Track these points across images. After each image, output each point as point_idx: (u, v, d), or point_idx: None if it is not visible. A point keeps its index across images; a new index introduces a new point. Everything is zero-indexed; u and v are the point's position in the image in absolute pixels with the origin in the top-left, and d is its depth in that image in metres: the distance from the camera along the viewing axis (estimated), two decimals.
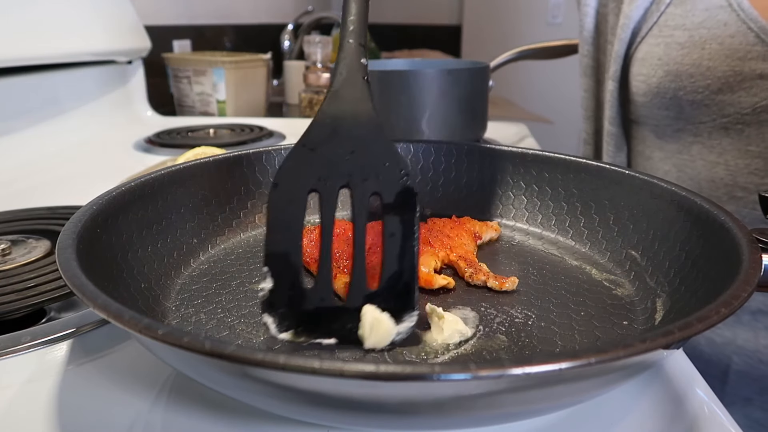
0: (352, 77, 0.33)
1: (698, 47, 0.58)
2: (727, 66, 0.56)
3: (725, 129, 0.59)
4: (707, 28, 0.57)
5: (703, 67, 0.58)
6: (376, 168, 0.32)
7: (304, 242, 0.39)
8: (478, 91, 0.74)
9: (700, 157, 0.62)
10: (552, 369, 0.19)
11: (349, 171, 0.32)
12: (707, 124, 0.60)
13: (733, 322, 0.62)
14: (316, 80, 1.21)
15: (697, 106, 0.60)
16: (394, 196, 0.31)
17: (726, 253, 0.31)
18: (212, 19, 1.59)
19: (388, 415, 0.23)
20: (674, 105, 0.62)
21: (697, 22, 0.58)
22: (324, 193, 0.32)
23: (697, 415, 0.29)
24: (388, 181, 0.31)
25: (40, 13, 0.80)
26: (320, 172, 0.32)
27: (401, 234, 0.31)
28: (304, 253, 0.39)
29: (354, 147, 0.32)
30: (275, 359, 0.19)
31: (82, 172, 0.75)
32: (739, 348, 0.63)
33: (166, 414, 0.29)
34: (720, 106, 0.58)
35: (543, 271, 0.40)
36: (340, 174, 0.32)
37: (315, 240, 0.40)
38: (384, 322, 0.30)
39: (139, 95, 1.09)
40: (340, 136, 0.32)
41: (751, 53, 0.55)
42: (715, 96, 0.58)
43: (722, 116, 0.58)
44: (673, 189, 0.38)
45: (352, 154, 0.32)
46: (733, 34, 0.56)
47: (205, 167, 0.45)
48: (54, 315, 0.38)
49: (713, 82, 0.57)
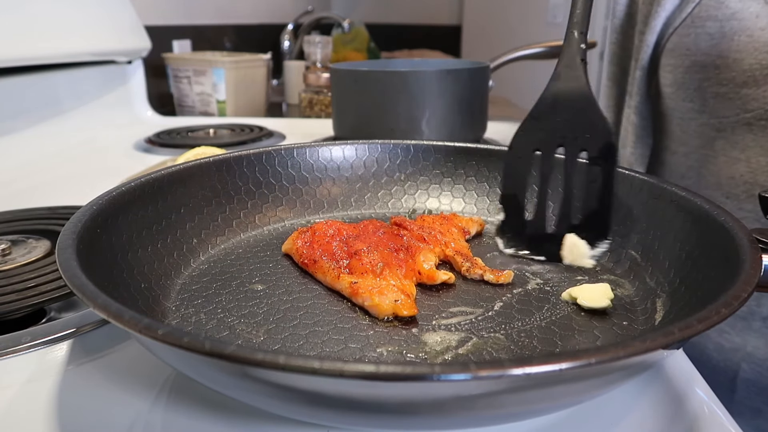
0: (571, 61, 0.42)
1: (727, 38, 0.58)
2: (754, 59, 0.56)
3: (748, 125, 0.58)
4: (738, 19, 0.57)
5: (730, 59, 0.57)
6: (584, 129, 0.41)
7: (299, 244, 0.40)
8: (478, 91, 0.74)
9: (722, 153, 0.62)
10: (552, 369, 0.19)
11: (564, 133, 0.41)
12: (730, 118, 0.59)
13: (743, 328, 0.61)
14: (316, 80, 1.21)
15: (721, 99, 0.59)
16: (597, 150, 0.40)
17: (726, 253, 0.30)
18: (212, 19, 1.59)
19: (388, 415, 0.23)
20: (698, 97, 0.61)
21: (729, 14, 0.58)
22: (544, 151, 0.42)
23: (697, 415, 0.29)
24: (594, 138, 0.40)
25: (40, 13, 0.80)
26: (542, 136, 0.42)
27: (602, 180, 0.40)
28: (302, 254, 0.40)
29: (569, 116, 0.41)
30: (275, 359, 0.19)
31: (82, 172, 0.75)
32: (749, 355, 0.62)
33: (166, 414, 0.29)
34: (744, 101, 0.57)
35: (543, 271, 0.40)
36: (557, 136, 0.42)
37: (311, 241, 0.40)
38: (580, 245, 0.40)
39: (139, 95, 1.09)
40: (558, 109, 0.41)
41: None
42: (739, 89, 0.57)
43: (745, 111, 0.58)
44: (673, 189, 0.38)
45: (567, 121, 0.41)
46: (764, 27, 0.55)
47: (205, 167, 0.45)
48: (54, 315, 0.38)
49: (738, 75, 0.57)
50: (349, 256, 0.38)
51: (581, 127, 0.41)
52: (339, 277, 0.36)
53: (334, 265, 0.37)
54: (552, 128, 0.42)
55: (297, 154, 0.50)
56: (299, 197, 0.50)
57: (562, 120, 0.41)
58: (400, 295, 0.34)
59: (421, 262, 0.38)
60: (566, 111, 0.41)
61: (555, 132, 0.42)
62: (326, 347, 0.31)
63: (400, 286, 0.35)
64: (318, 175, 0.51)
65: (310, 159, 0.51)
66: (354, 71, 0.72)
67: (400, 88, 0.68)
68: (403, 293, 0.34)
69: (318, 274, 0.38)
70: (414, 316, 0.34)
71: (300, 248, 0.40)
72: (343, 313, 0.34)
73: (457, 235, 0.44)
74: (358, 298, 0.35)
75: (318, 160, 0.51)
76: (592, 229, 0.40)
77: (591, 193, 0.40)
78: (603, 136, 0.40)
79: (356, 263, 0.37)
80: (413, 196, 0.43)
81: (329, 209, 0.51)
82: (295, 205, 0.50)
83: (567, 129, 0.41)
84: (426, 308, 0.35)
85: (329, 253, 0.38)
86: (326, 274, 0.37)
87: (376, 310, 0.34)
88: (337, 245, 0.39)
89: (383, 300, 0.34)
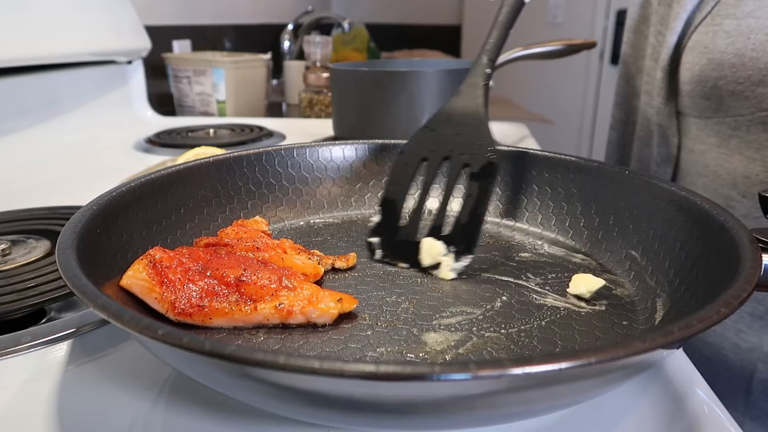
0: (474, 83, 0.45)
1: (744, 36, 0.58)
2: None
3: (764, 124, 0.58)
4: (756, 17, 0.57)
5: (746, 57, 0.57)
6: (471, 146, 0.42)
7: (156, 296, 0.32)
8: None
9: (738, 152, 0.61)
10: (552, 369, 0.19)
11: (452, 147, 0.43)
12: (746, 117, 0.59)
13: (760, 327, 0.60)
14: (316, 80, 1.21)
15: (737, 97, 0.59)
16: (479, 167, 0.41)
17: (726, 253, 0.30)
18: (212, 19, 1.59)
19: (388, 415, 0.23)
20: (714, 95, 0.61)
21: (747, 12, 0.58)
22: (431, 161, 0.44)
23: (697, 415, 0.29)
24: (478, 157, 0.42)
25: (40, 13, 0.80)
26: (432, 147, 0.44)
27: (477, 196, 0.40)
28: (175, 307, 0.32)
29: (460, 131, 0.43)
30: (275, 359, 0.19)
31: (82, 172, 0.75)
32: (765, 355, 0.61)
33: (166, 414, 0.29)
34: (759, 99, 0.57)
35: (543, 271, 0.40)
36: (445, 149, 0.43)
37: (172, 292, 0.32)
38: (436, 246, 0.40)
39: (139, 95, 1.09)
40: (452, 122, 0.44)
41: None
42: (755, 88, 0.57)
43: (761, 110, 0.58)
44: (673, 189, 0.38)
45: (457, 136, 0.43)
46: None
47: (205, 167, 0.45)
48: (54, 315, 0.38)
49: (754, 73, 0.57)
50: (235, 286, 0.33)
51: (468, 144, 0.42)
52: (256, 309, 0.32)
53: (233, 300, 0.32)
54: (442, 140, 0.44)
55: (297, 154, 0.50)
56: (299, 197, 0.50)
57: (454, 134, 0.43)
58: (334, 294, 0.33)
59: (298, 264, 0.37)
60: (458, 126, 0.43)
61: (444, 144, 0.43)
62: (326, 347, 0.31)
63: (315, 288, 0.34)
64: (318, 175, 0.51)
65: (310, 159, 0.51)
66: (354, 71, 0.71)
67: (400, 88, 0.68)
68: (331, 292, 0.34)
69: (217, 318, 0.32)
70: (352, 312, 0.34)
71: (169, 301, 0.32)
72: None
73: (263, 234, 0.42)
74: (295, 317, 0.32)
75: (318, 160, 0.51)
76: (459, 242, 0.40)
77: (466, 207, 0.40)
78: (487, 154, 0.41)
79: (252, 288, 0.33)
80: (413, 196, 0.44)
81: (329, 209, 0.51)
82: (295, 205, 0.50)
83: (455, 143, 0.43)
84: (426, 308, 0.35)
85: (209, 294, 0.32)
86: (233, 313, 0.32)
87: (327, 317, 0.33)
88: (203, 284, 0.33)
89: (328, 304, 0.32)
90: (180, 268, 0.33)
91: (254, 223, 0.44)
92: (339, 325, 0.33)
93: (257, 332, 0.32)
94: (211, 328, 0.32)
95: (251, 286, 0.33)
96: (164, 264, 0.32)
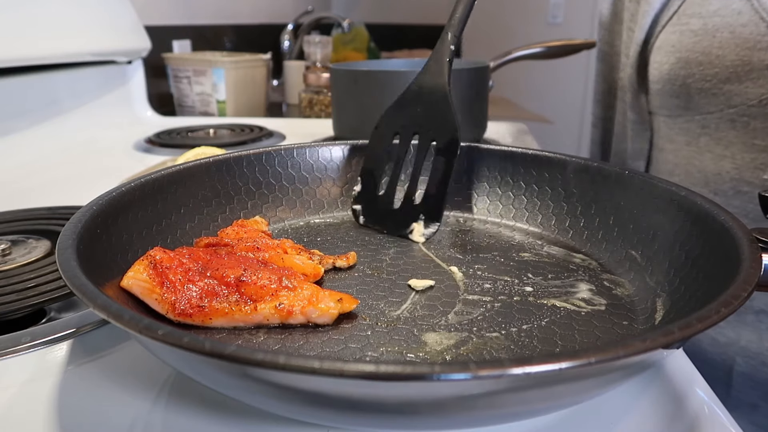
0: (439, 58, 0.47)
1: (710, 35, 0.59)
2: (736, 55, 0.56)
3: (732, 121, 0.59)
4: (721, 16, 0.58)
5: (713, 55, 0.58)
6: (436, 122, 0.45)
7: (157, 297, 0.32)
8: (478, 91, 0.74)
9: (707, 150, 0.62)
10: (552, 369, 0.19)
11: (420, 123, 0.46)
12: (715, 114, 0.60)
13: (736, 322, 0.61)
14: (316, 80, 1.21)
15: (705, 95, 0.60)
16: (444, 143, 0.45)
17: (726, 252, 0.30)
18: (212, 19, 1.59)
19: (388, 415, 0.23)
20: (683, 93, 0.62)
21: (713, 10, 0.59)
22: (402, 136, 0.47)
23: (697, 415, 0.29)
24: (443, 132, 0.45)
25: (40, 13, 0.80)
26: (403, 122, 0.47)
27: (442, 170, 0.44)
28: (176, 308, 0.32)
29: (426, 108, 0.46)
30: (275, 359, 0.19)
31: (82, 172, 0.75)
32: (743, 349, 0.63)
33: (166, 414, 0.29)
34: (727, 96, 0.58)
35: (543, 271, 0.40)
36: (414, 125, 0.47)
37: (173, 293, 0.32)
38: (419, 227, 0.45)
39: (139, 95, 1.09)
40: (420, 99, 0.46)
41: (761, 43, 0.55)
42: (722, 85, 0.58)
43: (729, 107, 0.59)
44: (673, 189, 0.38)
45: (425, 112, 0.46)
46: (745, 23, 0.56)
47: (205, 167, 0.45)
48: (54, 315, 0.38)
49: (721, 71, 0.58)
50: (235, 286, 0.33)
51: (434, 120, 0.45)
52: (256, 309, 0.32)
53: (234, 300, 0.32)
54: (411, 116, 0.47)
55: (297, 154, 0.50)
56: (299, 197, 0.50)
57: (422, 111, 0.46)
58: (334, 294, 0.33)
59: (299, 264, 0.37)
60: (425, 104, 0.46)
61: (414, 120, 0.46)
62: (326, 347, 0.31)
63: (315, 288, 0.34)
64: (318, 175, 0.51)
65: (310, 159, 0.51)
66: (354, 71, 0.71)
67: (400, 88, 0.67)
68: (332, 292, 0.34)
69: (217, 318, 0.32)
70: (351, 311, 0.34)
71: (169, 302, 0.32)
72: None
73: (263, 234, 0.42)
74: (296, 317, 0.32)
75: (318, 160, 0.51)
76: (427, 211, 0.45)
77: (432, 180, 0.45)
78: (450, 131, 0.44)
79: (252, 288, 0.33)
80: (413, 196, 0.44)
81: (329, 209, 0.51)
82: (295, 205, 0.50)
83: (423, 119, 0.46)
84: (426, 308, 0.35)
85: (209, 294, 0.32)
86: (233, 313, 0.32)
87: (327, 317, 0.32)
88: (203, 285, 0.33)
89: (328, 304, 0.32)
90: (180, 269, 0.33)
91: (254, 223, 0.44)
92: (339, 325, 0.33)
93: (257, 332, 0.32)
94: (211, 329, 0.32)
95: (251, 287, 0.33)
96: (165, 265, 0.32)
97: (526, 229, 0.48)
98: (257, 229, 0.43)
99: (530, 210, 0.48)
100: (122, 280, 0.32)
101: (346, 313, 0.33)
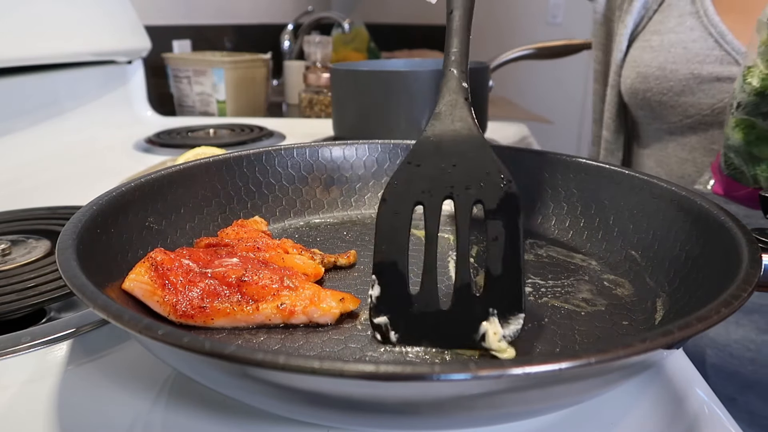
0: (453, 99, 0.36)
1: (665, 50, 0.62)
2: (688, 69, 0.60)
3: (693, 128, 0.63)
4: (676, 33, 0.62)
5: (667, 69, 0.62)
6: (477, 177, 0.33)
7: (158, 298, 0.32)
8: (478, 91, 0.74)
9: (674, 154, 0.66)
10: (552, 369, 0.19)
11: (452, 182, 0.33)
12: (676, 123, 0.64)
13: None
14: (316, 80, 1.21)
15: (664, 107, 0.64)
16: (496, 201, 0.32)
17: (726, 253, 0.30)
18: (212, 19, 1.59)
19: (388, 415, 0.23)
20: (646, 105, 0.66)
21: (669, 27, 0.63)
22: (428, 205, 0.33)
23: (697, 415, 0.29)
24: (490, 188, 0.32)
25: (41, 13, 0.80)
26: (424, 186, 0.33)
27: (505, 237, 0.31)
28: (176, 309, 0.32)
29: (456, 161, 0.33)
30: (275, 359, 0.19)
31: (82, 172, 0.75)
32: (712, 341, 0.65)
33: (166, 414, 0.29)
34: (683, 107, 0.62)
35: (543, 271, 0.40)
36: (443, 186, 0.33)
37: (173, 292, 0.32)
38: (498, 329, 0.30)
39: (139, 95, 1.09)
40: (443, 152, 0.34)
41: (709, 57, 0.59)
42: (677, 98, 0.62)
43: (686, 117, 0.62)
44: (673, 189, 0.38)
45: (455, 167, 0.33)
46: (696, 39, 0.60)
47: (205, 167, 0.45)
48: (54, 315, 0.38)
49: (675, 84, 0.61)
50: (236, 286, 0.33)
51: (473, 175, 0.33)
52: (258, 309, 0.32)
53: (235, 300, 0.32)
54: (436, 176, 0.33)
55: (297, 154, 0.50)
56: (299, 197, 0.50)
57: (447, 166, 0.33)
58: (336, 293, 0.33)
59: (299, 263, 0.37)
60: (453, 156, 0.34)
61: (440, 181, 0.33)
62: (326, 347, 0.31)
63: (317, 287, 0.34)
64: (318, 175, 0.51)
65: (310, 159, 0.51)
66: (354, 71, 0.71)
67: (400, 88, 0.68)
68: (333, 291, 0.34)
69: (219, 318, 0.32)
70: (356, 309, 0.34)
71: (170, 304, 0.32)
72: None
73: (264, 234, 0.42)
74: (298, 317, 0.32)
75: (318, 160, 0.51)
76: (499, 300, 0.30)
77: (493, 255, 0.31)
78: (497, 183, 0.32)
79: (254, 288, 0.33)
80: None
81: (329, 209, 0.51)
82: (295, 205, 0.50)
83: (455, 177, 0.33)
84: None
85: (211, 295, 0.32)
86: (235, 313, 0.32)
87: (329, 317, 0.33)
88: (204, 286, 0.32)
89: (330, 304, 0.32)
90: (181, 270, 0.33)
91: (254, 223, 0.44)
92: (339, 325, 0.33)
93: (257, 332, 0.32)
94: (211, 329, 0.32)
95: (253, 287, 0.33)
96: (166, 266, 0.33)
97: (526, 229, 0.48)
98: (257, 229, 0.43)
99: (530, 210, 0.48)
100: (124, 282, 0.32)
101: (347, 312, 0.33)
